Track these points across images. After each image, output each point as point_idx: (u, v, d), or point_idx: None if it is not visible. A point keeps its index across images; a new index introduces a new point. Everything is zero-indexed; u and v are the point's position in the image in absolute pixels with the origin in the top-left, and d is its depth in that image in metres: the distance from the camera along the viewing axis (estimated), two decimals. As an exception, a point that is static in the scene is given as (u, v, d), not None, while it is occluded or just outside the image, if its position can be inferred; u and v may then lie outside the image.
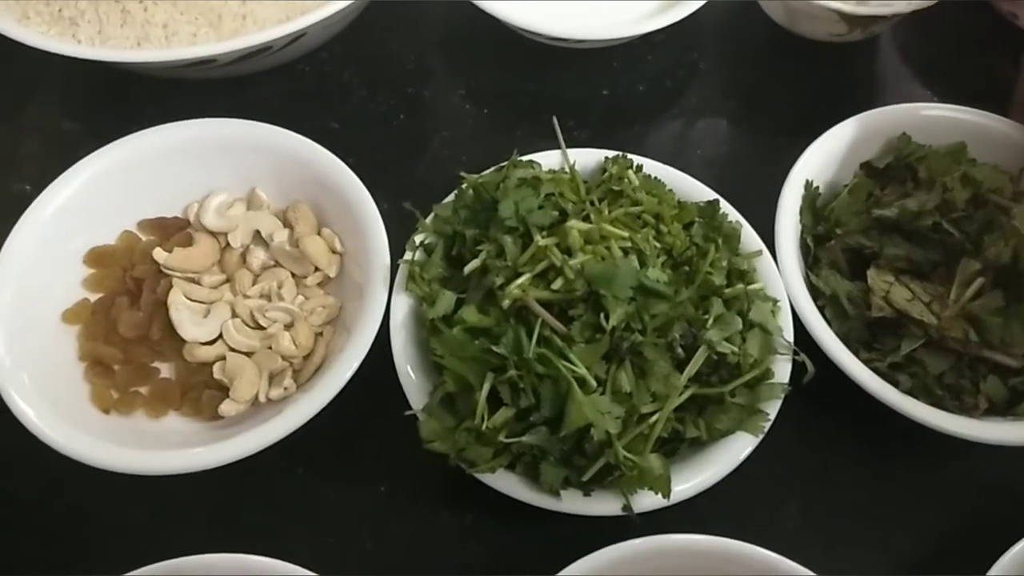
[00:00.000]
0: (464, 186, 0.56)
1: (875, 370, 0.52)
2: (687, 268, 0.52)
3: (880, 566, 0.53)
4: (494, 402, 0.47)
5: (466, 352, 0.48)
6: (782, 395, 0.50)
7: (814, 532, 0.54)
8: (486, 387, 0.47)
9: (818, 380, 0.52)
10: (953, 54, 0.76)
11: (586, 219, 0.52)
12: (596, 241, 0.51)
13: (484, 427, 0.47)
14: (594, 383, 0.47)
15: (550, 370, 0.47)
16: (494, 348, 0.47)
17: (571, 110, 0.70)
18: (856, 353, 0.53)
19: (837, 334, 0.53)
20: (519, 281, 0.49)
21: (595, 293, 0.48)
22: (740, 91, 0.74)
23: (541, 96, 0.72)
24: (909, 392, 0.52)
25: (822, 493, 0.55)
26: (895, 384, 0.52)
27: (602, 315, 0.47)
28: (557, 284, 0.49)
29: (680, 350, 0.49)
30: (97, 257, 0.58)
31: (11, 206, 0.56)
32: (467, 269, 0.52)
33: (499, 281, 0.50)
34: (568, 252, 0.50)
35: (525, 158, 0.58)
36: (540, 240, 0.50)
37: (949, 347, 0.53)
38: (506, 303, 0.48)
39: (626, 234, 0.52)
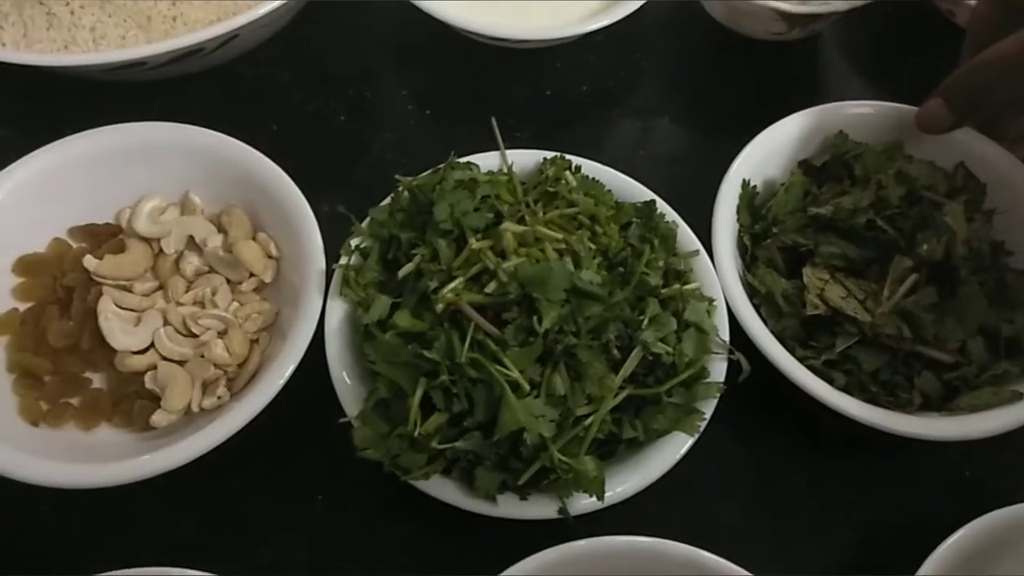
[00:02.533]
0: (400, 189, 0.55)
1: (810, 368, 0.53)
2: (622, 269, 0.52)
3: (817, 562, 0.53)
4: (428, 408, 0.47)
5: (399, 357, 0.48)
6: (718, 394, 0.51)
7: (751, 530, 0.54)
8: (419, 392, 0.47)
9: (754, 378, 0.52)
10: (892, 52, 0.77)
11: (521, 221, 0.52)
12: (531, 243, 0.51)
13: (417, 433, 0.46)
14: (527, 387, 0.46)
15: (483, 374, 0.46)
16: (426, 353, 0.47)
17: (514, 111, 0.70)
18: (791, 351, 0.53)
19: (773, 332, 0.53)
20: (452, 285, 0.48)
21: (528, 296, 0.47)
22: (681, 90, 0.74)
23: (484, 97, 0.72)
24: (844, 389, 0.52)
25: (759, 491, 0.55)
26: (830, 381, 0.52)
27: (536, 318, 0.47)
28: (491, 287, 0.48)
29: (616, 351, 0.49)
30: (26, 266, 0.57)
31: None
32: (401, 273, 0.51)
33: (433, 285, 0.49)
34: (502, 255, 0.50)
35: (463, 159, 0.57)
36: (474, 243, 0.50)
37: (883, 344, 0.53)
38: (439, 307, 0.48)
39: (560, 236, 0.51)
